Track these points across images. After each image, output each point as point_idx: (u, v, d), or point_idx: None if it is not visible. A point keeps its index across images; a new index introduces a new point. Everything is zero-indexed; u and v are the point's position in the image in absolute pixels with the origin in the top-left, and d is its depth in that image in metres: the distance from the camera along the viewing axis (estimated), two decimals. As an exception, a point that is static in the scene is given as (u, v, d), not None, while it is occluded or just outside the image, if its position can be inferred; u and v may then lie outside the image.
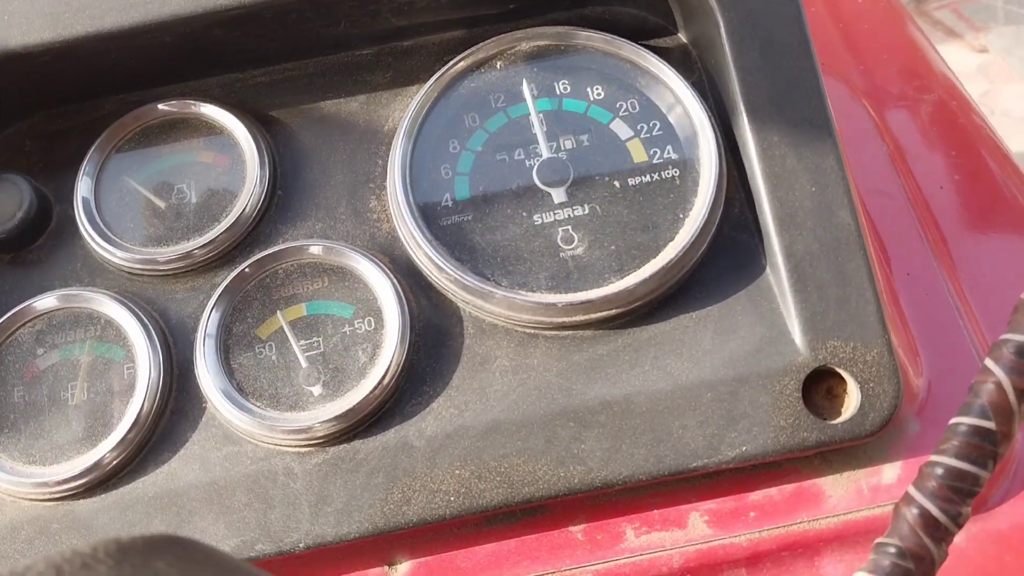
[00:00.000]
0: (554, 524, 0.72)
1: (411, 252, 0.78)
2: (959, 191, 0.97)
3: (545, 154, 0.80)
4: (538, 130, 0.80)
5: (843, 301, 0.72)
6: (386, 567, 0.73)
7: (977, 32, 3.40)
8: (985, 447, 0.62)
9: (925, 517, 0.62)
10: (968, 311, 0.84)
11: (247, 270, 0.76)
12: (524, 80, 0.83)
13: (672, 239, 0.75)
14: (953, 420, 0.64)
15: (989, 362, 0.64)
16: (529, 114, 0.81)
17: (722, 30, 0.77)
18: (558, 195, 0.78)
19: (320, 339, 0.75)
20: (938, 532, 0.61)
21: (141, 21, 0.78)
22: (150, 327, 0.75)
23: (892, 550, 0.62)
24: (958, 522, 0.62)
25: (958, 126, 1.06)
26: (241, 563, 0.37)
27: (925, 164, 0.99)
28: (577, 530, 0.72)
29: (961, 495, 0.62)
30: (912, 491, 0.63)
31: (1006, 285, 0.87)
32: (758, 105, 0.76)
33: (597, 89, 0.82)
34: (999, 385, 0.63)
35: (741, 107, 0.76)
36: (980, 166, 1.02)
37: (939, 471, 0.62)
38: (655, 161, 0.79)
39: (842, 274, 0.72)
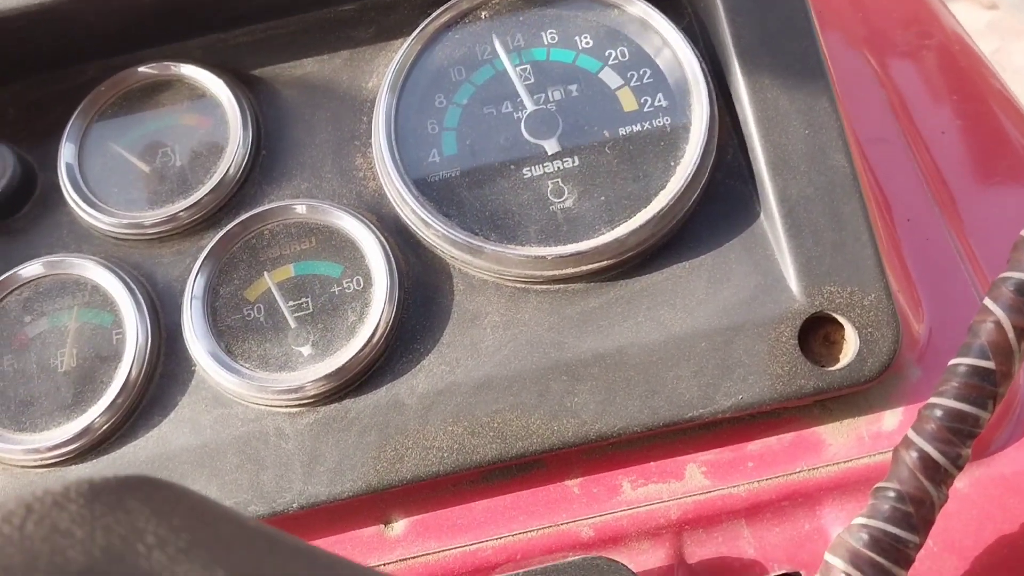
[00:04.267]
0: (549, 479, 0.71)
1: (398, 209, 0.77)
2: (961, 136, 0.94)
3: (533, 106, 0.78)
4: (518, 84, 0.78)
5: (839, 245, 0.70)
6: (382, 525, 0.72)
7: (986, -11, 3.34)
8: (985, 387, 0.61)
9: (924, 460, 0.61)
10: (970, 256, 0.82)
11: (233, 230, 0.75)
12: (509, 30, 0.81)
13: (663, 187, 0.73)
14: (952, 361, 0.63)
15: (988, 301, 0.63)
16: (516, 65, 0.80)
17: (711, -28, 0.75)
18: (547, 147, 0.77)
19: (308, 299, 0.74)
20: (938, 474, 0.60)
21: (117, -19, 0.77)
22: (137, 292, 0.75)
23: (891, 494, 0.61)
24: (958, 464, 0.61)
25: (960, 70, 1.03)
26: (212, 502, 0.37)
27: (926, 110, 0.97)
28: (573, 484, 0.71)
29: (961, 436, 0.61)
30: (911, 434, 0.62)
31: (1009, 228, 0.85)
32: (749, 48, 0.74)
33: (585, 38, 0.80)
34: (998, 324, 0.62)
35: (732, 50, 0.74)
36: (982, 109, 1.00)
37: (938, 413, 0.61)
38: (646, 110, 0.77)
39: (837, 218, 0.70)
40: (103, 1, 0.77)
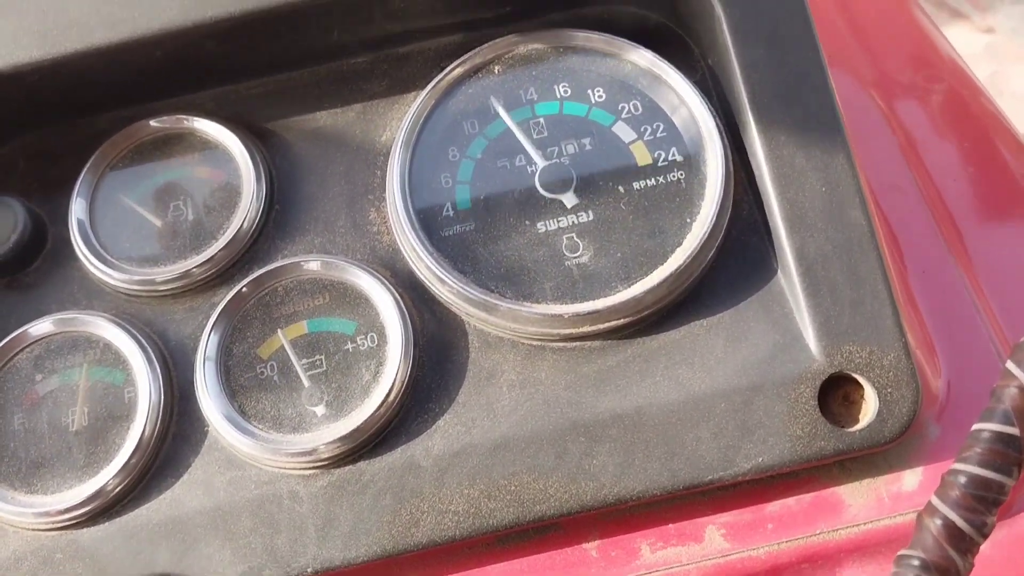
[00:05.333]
0: (567, 541, 0.71)
1: (412, 265, 0.76)
2: (973, 183, 0.94)
3: (546, 160, 0.78)
4: (524, 141, 0.78)
5: (857, 304, 0.70)
6: (396, 589, 0.71)
7: (983, 12, 3.35)
8: (1010, 454, 0.60)
9: (949, 528, 0.60)
10: (986, 307, 0.82)
11: (244, 289, 0.75)
12: (522, 84, 0.81)
13: (680, 244, 0.73)
14: (975, 426, 0.62)
15: (1010, 365, 0.62)
16: (529, 119, 0.80)
17: (724, 26, 0.75)
18: (562, 202, 0.76)
19: (322, 357, 0.73)
20: (963, 543, 0.59)
21: (130, 36, 0.77)
22: (149, 349, 0.74)
23: (916, 563, 0.60)
24: (983, 532, 0.60)
25: (970, 115, 1.03)
26: None
27: (937, 156, 0.97)
28: (591, 547, 0.70)
29: (986, 504, 0.60)
30: (935, 501, 0.61)
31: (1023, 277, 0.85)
32: (763, 103, 0.73)
33: (598, 91, 0.80)
34: (1022, 389, 0.61)
35: (746, 106, 0.73)
36: (994, 156, 0.99)
37: (962, 479, 0.60)
38: (660, 164, 0.77)
39: (856, 275, 0.70)
40: (117, 55, 0.77)
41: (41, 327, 0.76)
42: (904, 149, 0.97)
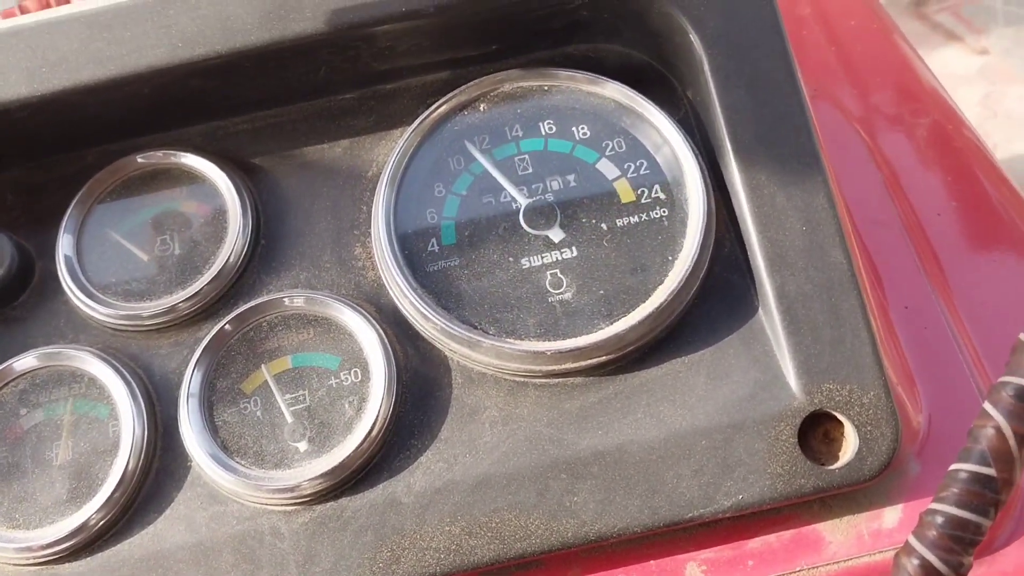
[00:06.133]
0: (548, 578, 0.71)
1: (397, 301, 0.77)
2: (957, 218, 0.95)
3: (529, 197, 0.78)
4: (504, 180, 0.79)
5: (838, 342, 0.70)
6: (377, 626, 0.71)
7: (977, 34, 3.38)
8: (986, 495, 0.61)
9: (926, 568, 0.60)
10: (968, 343, 0.82)
11: (228, 326, 0.75)
12: (507, 122, 0.81)
13: (662, 282, 0.73)
14: (953, 467, 0.62)
15: (988, 406, 0.63)
16: (514, 155, 0.80)
17: (706, 67, 0.76)
18: (545, 238, 0.77)
19: (306, 392, 0.74)
20: (940, 584, 0.60)
21: (118, 74, 0.77)
22: (134, 384, 0.74)
23: (894, 603, 0.60)
24: (960, 572, 0.61)
25: (953, 149, 1.04)
26: None
27: (921, 191, 0.98)
28: (572, 583, 0.71)
29: (963, 544, 0.61)
30: (912, 541, 0.61)
31: (1006, 314, 0.86)
32: (745, 143, 0.74)
33: (583, 128, 0.81)
34: (998, 430, 0.61)
35: (728, 145, 0.74)
36: (977, 190, 1.00)
37: (939, 520, 0.61)
38: (643, 201, 0.77)
39: (836, 315, 0.71)
40: (105, 92, 0.78)
41: (25, 362, 0.76)
42: (888, 183, 0.98)
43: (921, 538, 0.61)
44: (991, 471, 0.61)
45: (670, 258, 0.74)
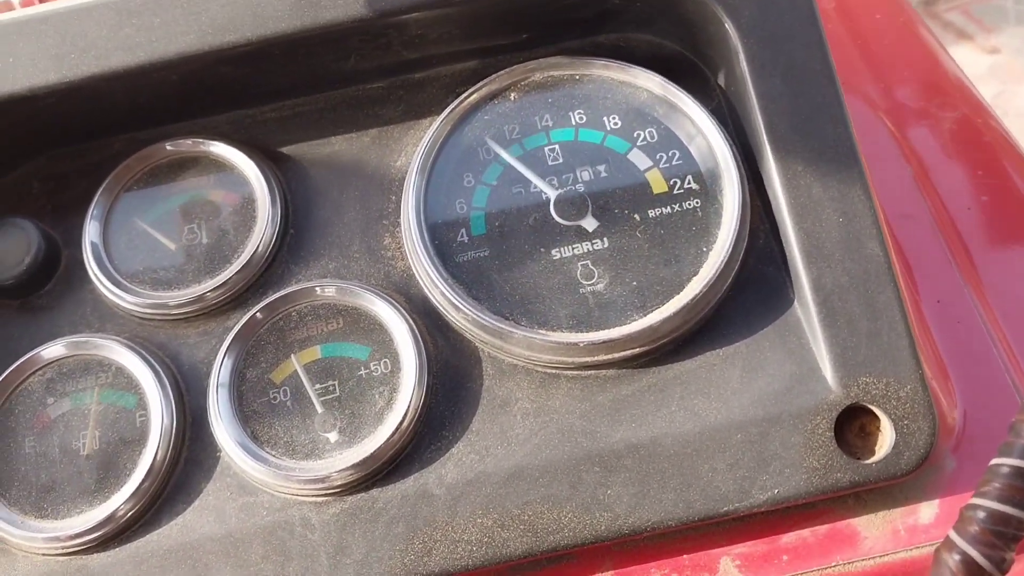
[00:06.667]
0: (581, 572, 0.70)
1: (427, 291, 0.76)
2: (987, 212, 0.94)
3: (559, 188, 0.78)
4: (531, 174, 0.78)
5: (874, 335, 0.69)
6: (407, 619, 0.70)
7: (988, 33, 3.36)
8: (1029, 490, 0.60)
9: (968, 564, 0.59)
10: (1001, 337, 0.81)
11: (259, 314, 0.74)
12: (537, 111, 0.81)
13: (696, 273, 0.73)
14: (994, 461, 0.61)
15: (1030, 400, 0.62)
16: (544, 145, 0.80)
17: (741, 57, 0.75)
18: (576, 229, 0.76)
19: (336, 383, 0.73)
20: (982, 580, 0.59)
21: (147, 60, 0.77)
22: (162, 374, 0.74)
23: (935, 599, 0.59)
24: (1002, 568, 0.60)
25: (982, 143, 1.03)
26: None
27: (951, 184, 0.97)
28: (605, 577, 0.70)
29: (1005, 540, 0.60)
30: (953, 536, 0.61)
31: (1039, 309, 0.85)
32: (781, 133, 0.73)
33: (614, 118, 0.80)
34: (1042, 424, 0.61)
35: (763, 136, 0.73)
36: (1006, 183, 0.99)
37: (981, 515, 0.60)
38: (676, 192, 0.77)
39: (872, 307, 0.70)
40: (133, 79, 0.77)
41: (53, 350, 0.76)
42: (918, 178, 0.97)
43: (962, 533, 0.60)
44: (1035, 466, 0.60)
45: (704, 249, 0.74)
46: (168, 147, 0.82)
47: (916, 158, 1.00)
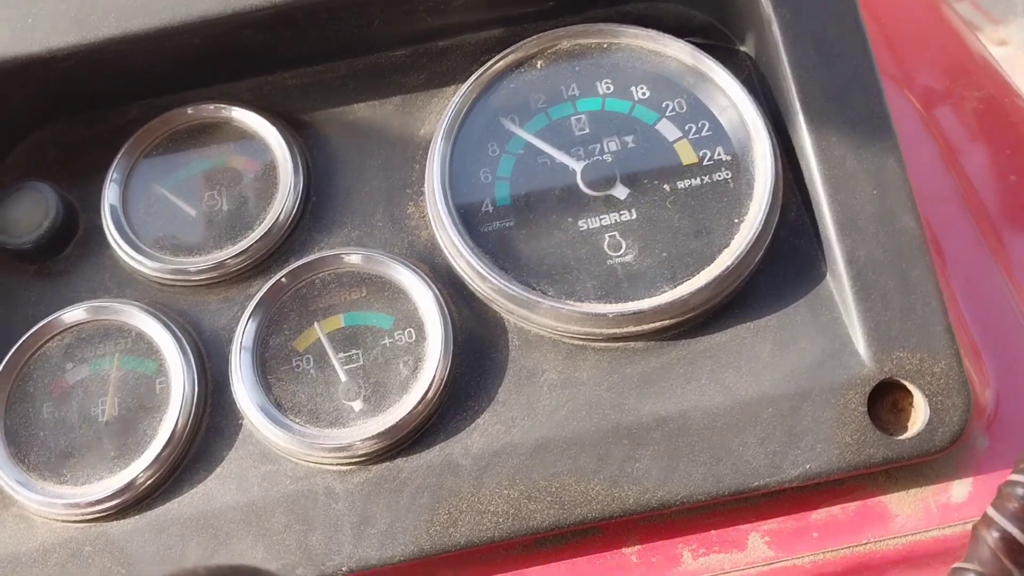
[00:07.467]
0: (606, 546, 0.69)
1: (452, 260, 0.75)
2: (1015, 191, 0.93)
3: (584, 159, 0.76)
4: (550, 148, 0.77)
5: (908, 310, 0.68)
6: (429, 591, 0.69)
7: (996, 24, 3.34)
8: (1069, 466, 0.59)
9: (1007, 541, 0.58)
10: (1031, 317, 0.80)
11: (284, 279, 0.73)
12: (564, 80, 0.79)
13: (727, 245, 0.71)
14: (1034, 437, 0.61)
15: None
16: (570, 115, 0.78)
17: (775, 26, 0.74)
18: (603, 200, 0.75)
19: (359, 352, 0.72)
20: (1021, 556, 0.58)
21: (169, 23, 0.75)
22: (183, 340, 0.73)
23: (972, 575, 0.58)
24: (1042, 546, 0.59)
25: (1010, 124, 1.02)
26: None
27: (978, 164, 0.95)
28: (631, 552, 0.69)
29: (1044, 517, 0.59)
30: (991, 513, 0.60)
31: (1069, 289, 0.84)
32: (814, 104, 0.72)
33: (642, 88, 0.79)
34: (1082, 400, 0.60)
35: (796, 107, 0.72)
36: (1034, 164, 0.98)
37: (1020, 491, 0.59)
38: (705, 163, 0.75)
39: (906, 281, 0.69)
40: (155, 42, 0.76)
41: (73, 314, 0.75)
42: (944, 157, 0.95)
43: (1001, 510, 0.59)
44: (1075, 442, 0.59)
45: (736, 221, 0.72)
46: (189, 111, 0.81)
47: (943, 138, 0.99)
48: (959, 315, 0.78)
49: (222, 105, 0.81)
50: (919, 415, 0.67)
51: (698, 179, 0.75)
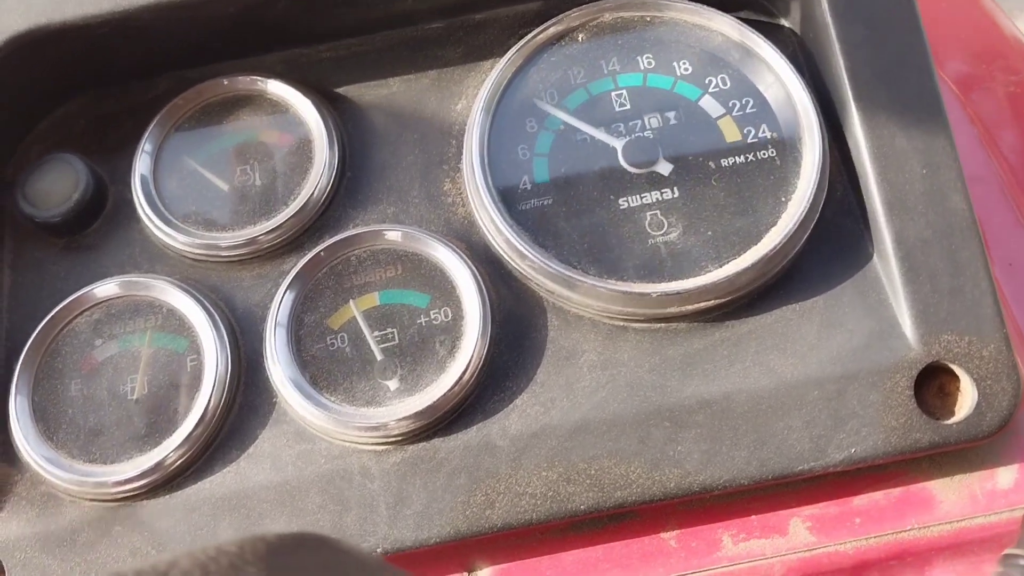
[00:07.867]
0: (644, 530, 0.68)
1: (490, 238, 0.73)
2: (1056, 176, 0.91)
3: (624, 136, 0.75)
4: (587, 127, 0.75)
5: (957, 292, 0.67)
6: (466, 574, 0.68)
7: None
8: None
9: (1062, 528, 0.57)
10: (1075, 302, 0.79)
11: (321, 254, 0.72)
12: (605, 54, 0.78)
13: (774, 224, 0.70)
14: (1090, 423, 0.59)
15: None
16: (611, 91, 0.77)
17: (824, 2, 0.72)
18: (645, 177, 0.73)
19: (395, 330, 0.70)
20: (1077, 544, 0.57)
21: (205, -11, 0.74)
22: (216, 316, 0.71)
23: (1025, 563, 0.57)
24: (1097, 534, 0.58)
25: (1050, 107, 1.00)
26: (379, 561, 0.36)
27: (1017, 148, 0.94)
28: (669, 536, 0.68)
29: (1100, 505, 0.58)
30: (1045, 499, 0.58)
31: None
32: (864, 82, 0.70)
33: (684, 64, 0.77)
34: None
35: (846, 84, 0.70)
36: (1075, 149, 0.96)
37: (1075, 478, 0.58)
38: (750, 140, 0.74)
39: (956, 263, 0.67)
40: (191, 10, 0.74)
41: (104, 289, 0.73)
42: (983, 140, 0.94)
43: (1055, 496, 0.58)
44: None
45: (783, 199, 0.71)
46: (224, 83, 0.79)
47: (980, 121, 0.97)
48: (1003, 299, 0.77)
49: (257, 77, 0.79)
50: (966, 399, 0.66)
51: (743, 157, 0.73)
